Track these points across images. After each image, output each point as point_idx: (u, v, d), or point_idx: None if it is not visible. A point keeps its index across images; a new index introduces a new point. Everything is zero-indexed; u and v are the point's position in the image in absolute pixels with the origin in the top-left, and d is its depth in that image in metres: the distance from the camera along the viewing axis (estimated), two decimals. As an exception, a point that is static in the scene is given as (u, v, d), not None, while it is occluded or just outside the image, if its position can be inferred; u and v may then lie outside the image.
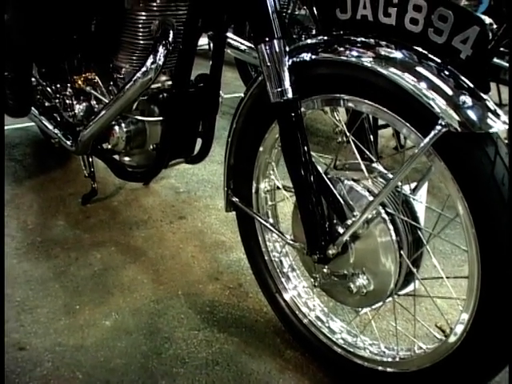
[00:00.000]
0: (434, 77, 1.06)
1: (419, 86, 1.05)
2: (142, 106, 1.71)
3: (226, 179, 1.54)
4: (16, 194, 2.40)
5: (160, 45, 1.54)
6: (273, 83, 1.20)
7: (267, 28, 1.19)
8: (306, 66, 1.22)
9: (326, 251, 1.26)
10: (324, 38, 1.25)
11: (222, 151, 1.78)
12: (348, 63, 1.16)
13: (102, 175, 2.32)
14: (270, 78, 1.20)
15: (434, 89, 1.04)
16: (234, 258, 1.99)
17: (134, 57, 1.66)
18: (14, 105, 2.03)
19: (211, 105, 1.67)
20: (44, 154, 2.79)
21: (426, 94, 1.04)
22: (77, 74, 1.92)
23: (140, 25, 1.60)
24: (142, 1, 1.58)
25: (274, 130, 1.38)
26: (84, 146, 1.88)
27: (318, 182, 1.26)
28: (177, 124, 1.62)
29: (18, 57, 1.94)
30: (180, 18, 1.59)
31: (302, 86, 1.23)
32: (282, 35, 1.20)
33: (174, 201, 2.37)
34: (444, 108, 1.01)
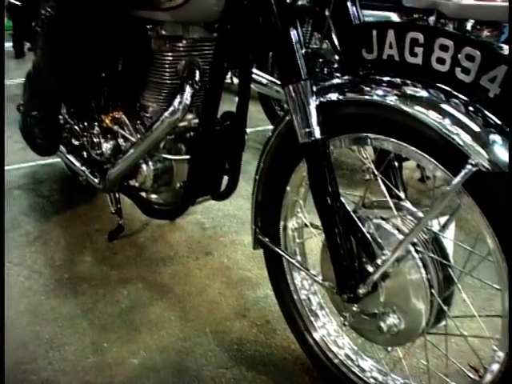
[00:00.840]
0: (462, 115, 1.05)
1: (446, 123, 1.05)
2: (168, 144, 1.72)
3: (253, 217, 1.54)
4: (44, 229, 2.43)
5: (187, 85, 1.56)
6: (301, 124, 1.20)
7: (294, 70, 1.20)
8: (334, 106, 1.23)
9: (356, 290, 1.25)
10: (350, 78, 1.26)
11: (246, 186, 1.79)
12: (374, 103, 1.17)
13: (128, 211, 2.34)
14: (298, 118, 1.21)
15: (462, 126, 1.04)
16: (260, 294, 1.98)
17: (160, 96, 1.69)
18: (43, 143, 2.07)
19: (237, 142, 1.68)
20: (71, 189, 2.82)
21: (453, 131, 1.04)
22: (104, 113, 1.95)
23: (166, 65, 1.63)
24: (168, 42, 1.61)
25: (302, 169, 1.39)
26: (111, 184, 1.91)
27: (346, 220, 1.25)
28: (204, 162, 1.63)
29: (48, 97, 1.98)
30: (206, 58, 1.63)
31: (329, 125, 1.24)
32: (309, 76, 1.21)
33: (200, 236, 2.38)
34: (473, 146, 1.01)
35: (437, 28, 1.84)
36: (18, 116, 2.70)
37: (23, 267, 2.14)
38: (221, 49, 1.48)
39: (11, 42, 6.65)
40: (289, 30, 1.20)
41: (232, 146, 1.69)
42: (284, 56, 1.21)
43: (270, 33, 1.25)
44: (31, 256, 2.22)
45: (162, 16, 1.54)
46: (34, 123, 2.02)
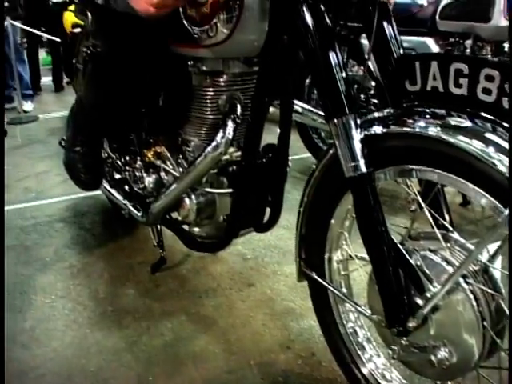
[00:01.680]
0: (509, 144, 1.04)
1: (493, 153, 1.04)
2: (211, 178, 1.74)
3: (297, 249, 1.53)
4: (87, 262, 2.46)
5: (229, 119, 1.58)
6: (346, 158, 1.20)
7: (338, 104, 1.20)
8: (378, 139, 1.22)
9: (405, 324, 1.23)
10: (394, 111, 1.26)
11: (287, 215, 1.79)
12: (418, 135, 1.17)
13: (169, 242, 2.35)
14: (343, 152, 1.21)
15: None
16: (305, 325, 1.96)
17: (202, 131, 1.71)
18: (86, 178, 2.10)
19: (280, 174, 1.68)
20: (112, 222, 2.85)
21: (501, 161, 1.03)
22: (146, 147, 1.98)
23: (208, 100, 1.65)
24: (209, 77, 1.63)
25: (347, 201, 1.38)
26: (154, 218, 1.93)
27: (394, 253, 1.24)
28: (246, 195, 1.64)
29: (90, 132, 2.02)
30: (246, 91, 1.64)
31: (374, 158, 1.23)
32: (353, 110, 1.21)
33: (242, 268, 2.38)
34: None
35: (482, 58, 1.83)
36: (59, 150, 2.77)
37: (68, 300, 2.17)
38: (262, 82, 1.49)
39: (51, 77, 6.81)
40: (331, 65, 1.20)
41: (274, 179, 1.69)
42: (328, 91, 1.22)
43: (311, 67, 1.26)
44: (75, 289, 2.25)
45: (203, 53, 1.56)
46: (77, 158, 2.06)
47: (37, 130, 5.05)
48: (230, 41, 1.42)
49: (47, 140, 4.60)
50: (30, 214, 3.07)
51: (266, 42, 1.42)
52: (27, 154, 4.25)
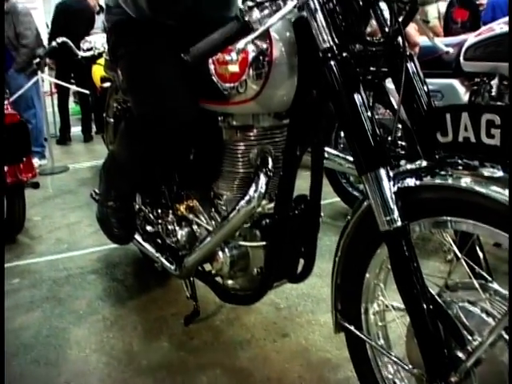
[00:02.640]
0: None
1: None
2: (243, 231, 1.74)
3: (333, 300, 1.52)
4: (120, 314, 2.46)
5: (261, 173, 1.59)
6: (380, 212, 1.20)
7: (371, 159, 1.21)
8: (412, 192, 1.22)
9: (447, 379, 1.21)
10: (427, 163, 1.26)
11: (319, 262, 1.77)
12: (452, 187, 1.16)
13: (202, 293, 2.34)
14: (378, 206, 1.21)
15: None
16: (341, 376, 1.93)
17: (234, 185, 1.72)
18: (119, 233, 2.12)
19: (312, 225, 1.68)
20: (144, 273, 2.86)
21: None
22: (178, 201, 2.00)
23: (239, 154, 1.67)
24: (240, 131, 1.65)
25: (382, 252, 1.37)
26: (188, 271, 1.93)
27: (432, 305, 1.22)
28: (280, 247, 1.63)
29: (123, 187, 2.04)
30: (277, 145, 1.65)
31: (408, 210, 1.23)
32: (385, 163, 1.21)
33: (276, 318, 2.35)
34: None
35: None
36: (89, 200, 2.82)
37: (102, 353, 2.17)
38: (293, 135, 1.51)
39: (80, 126, 6.93)
40: (362, 120, 1.21)
41: (307, 229, 1.69)
42: (359, 145, 1.22)
43: (342, 121, 1.27)
44: (109, 342, 2.25)
45: (233, 109, 1.58)
46: (110, 213, 2.08)
47: (67, 180, 5.14)
48: (260, 97, 1.44)
49: (78, 190, 4.67)
50: (63, 265, 3.10)
51: (296, 96, 1.44)
52: (59, 204, 4.32)
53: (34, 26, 5.70)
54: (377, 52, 1.37)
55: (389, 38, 1.33)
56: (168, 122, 1.65)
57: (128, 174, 1.96)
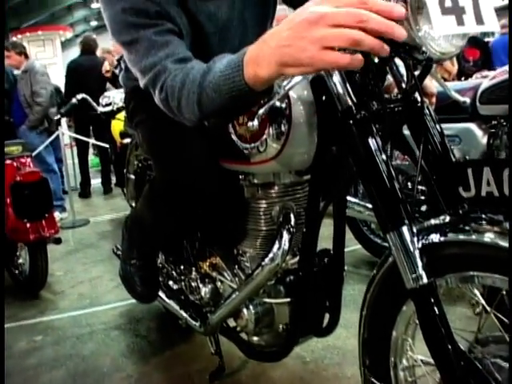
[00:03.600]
0: None
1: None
2: (268, 287, 1.73)
3: (361, 356, 1.50)
4: (144, 372, 2.44)
5: (283, 230, 1.59)
6: (406, 270, 1.19)
7: (394, 216, 1.20)
8: (437, 248, 1.22)
9: None
10: (451, 218, 1.26)
11: (342, 313, 1.75)
12: (477, 243, 1.16)
13: (226, 348, 2.32)
14: (403, 264, 1.20)
15: None
16: (371, 432, 1.88)
17: (257, 242, 1.73)
18: (143, 291, 2.12)
19: (337, 279, 1.67)
20: (168, 328, 2.84)
21: None
22: (201, 258, 2.00)
23: (261, 212, 1.68)
24: (261, 189, 1.67)
25: (409, 308, 1.35)
26: (212, 328, 1.92)
27: (462, 361, 1.20)
28: (304, 303, 1.62)
29: (146, 246, 2.06)
30: (299, 201, 1.66)
31: (434, 266, 1.22)
32: (409, 220, 1.21)
33: (302, 372, 2.32)
34: None
35: None
36: (111, 254, 2.83)
37: (127, 413, 2.15)
38: (314, 192, 1.51)
39: (99, 179, 7.01)
40: (383, 177, 1.21)
41: (331, 283, 1.68)
42: (381, 203, 1.22)
43: (363, 179, 1.28)
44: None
45: (254, 169, 1.59)
46: (133, 271, 2.09)
47: (88, 233, 5.18)
48: (281, 156, 1.45)
49: (99, 244, 4.70)
50: (86, 321, 3.10)
51: (316, 153, 1.45)
52: (80, 258, 4.34)
53: (50, 86, 5.85)
54: (395, 108, 1.38)
55: (406, 94, 1.35)
56: (191, 188, 1.67)
57: (151, 234, 1.97)
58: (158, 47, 1.35)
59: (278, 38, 1.01)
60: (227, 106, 1.21)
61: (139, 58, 1.38)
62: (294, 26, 0.96)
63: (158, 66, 1.33)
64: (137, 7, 1.38)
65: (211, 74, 1.20)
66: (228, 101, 1.18)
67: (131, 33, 1.38)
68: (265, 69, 1.06)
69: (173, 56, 1.33)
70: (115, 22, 1.41)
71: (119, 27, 1.40)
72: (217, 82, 1.17)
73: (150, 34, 1.36)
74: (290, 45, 0.97)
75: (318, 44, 0.92)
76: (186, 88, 1.25)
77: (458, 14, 1.13)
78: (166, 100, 1.32)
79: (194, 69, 1.26)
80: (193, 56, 1.37)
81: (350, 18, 0.90)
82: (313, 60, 0.95)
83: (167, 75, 1.30)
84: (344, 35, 0.90)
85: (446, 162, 1.34)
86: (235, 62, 1.14)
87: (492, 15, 1.20)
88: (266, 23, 1.76)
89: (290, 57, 0.98)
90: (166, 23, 1.40)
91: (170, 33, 1.39)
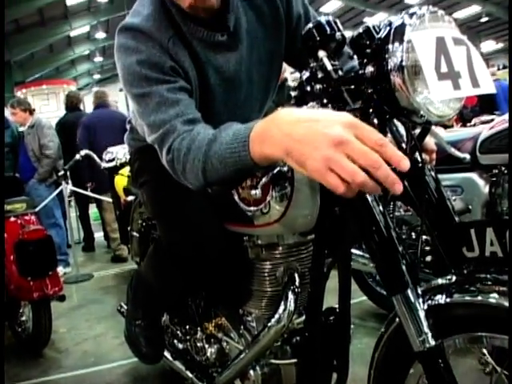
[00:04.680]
0: None
1: None
2: (274, 348, 1.72)
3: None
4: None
5: (288, 291, 1.59)
6: (413, 333, 1.19)
7: (398, 280, 1.21)
8: (443, 309, 1.22)
9: None
10: (456, 278, 1.26)
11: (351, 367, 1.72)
12: (483, 304, 1.16)
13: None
14: (409, 327, 1.20)
15: None
16: None
17: (262, 303, 1.72)
18: (148, 352, 2.10)
19: (344, 337, 1.66)
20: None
21: None
22: (206, 319, 1.99)
23: (265, 273, 1.67)
24: (265, 250, 1.67)
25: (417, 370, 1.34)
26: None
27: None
28: (311, 363, 1.61)
29: (152, 307, 2.05)
30: (303, 261, 1.66)
31: (441, 327, 1.21)
32: (414, 283, 1.21)
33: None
34: None
35: None
36: (114, 310, 2.80)
37: None
38: (318, 251, 1.51)
39: (102, 232, 7.01)
40: (387, 239, 1.22)
41: (338, 342, 1.66)
42: (385, 267, 1.23)
43: (366, 241, 1.28)
44: None
45: (258, 231, 1.60)
46: (138, 332, 2.07)
47: (92, 288, 5.15)
48: (285, 219, 1.46)
49: (103, 299, 4.67)
50: (90, 380, 3.06)
51: (319, 215, 1.46)
52: (84, 315, 4.31)
53: (57, 138, 5.92)
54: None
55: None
56: (195, 250, 1.67)
57: (156, 294, 1.97)
58: (168, 104, 1.38)
59: (292, 127, 1.01)
60: (232, 177, 1.23)
61: (149, 112, 1.41)
62: (315, 130, 0.97)
63: (167, 125, 1.36)
64: (152, 60, 1.42)
65: (217, 143, 1.22)
66: (233, 173, 1.20)
67: (143, 86, 1.41)
68: (272, 149, 1.07)
69: (182, 116, 1.37)
70: (129, 73, 1.45)
71: (132, 78, 1.44)
72: (222, 154, 1.20)
73: (162, 90, 1.40)
74: (301, 143, 0.98)
75: (328, 163, 0.93)
76: (192, 154, 1.27)
77: (454, 78, 1.16)
78: (172, 162, 1.34)
79: (200, 134, 1.29)
80: (199, 112, 1.41)
81: (367, 160, 0.92)
82: (315, 172, 0.96)
83: (175, 136, 1.33)
84: (353, 172, 0.92)
85: (449, 223, 1.35)
86: (242, 136, 1.16)
87: (487, 77, 1.23)
88: (272, 80, 1.80)
89: (298, 154, 0.99)
90: (179, 80, 1.45)
91: (181, 90, 1.43)
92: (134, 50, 1.44)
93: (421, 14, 1.22)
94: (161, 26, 1.49)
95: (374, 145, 0.93)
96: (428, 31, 1.19)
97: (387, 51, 1.20)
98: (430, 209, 1.39)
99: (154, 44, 1.45)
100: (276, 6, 1.67)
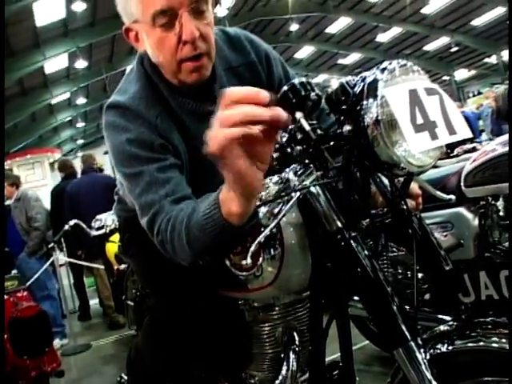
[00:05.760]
0: None
1: None
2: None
3: None
4: None
5: (289, 351, 1.57)
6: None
7: (398, 334, 1.20)
8: (445, 357, 1.21)
9: None
10: (456, 324, 1.25)
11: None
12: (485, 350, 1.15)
13: None
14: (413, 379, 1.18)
15: None
16: None
17: (264, 365, 1.69)
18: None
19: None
20: None
21: None
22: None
23: (264, 335, 1.65)
24: (262, 312, 1.65)
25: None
26: None
27: None
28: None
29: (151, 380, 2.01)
30: (301, 318, 1.64)
31: (445, 375, 1.20)
32: (413, 335, 1.20)
33: None
34: None
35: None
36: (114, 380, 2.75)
37: None
38: (315, 308, 1.50)
39: (97, 299, 6.93)
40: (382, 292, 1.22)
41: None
42: (384, 322, 1.22)
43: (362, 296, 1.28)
44: None
45: (253, 295, 1.59)
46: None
47: (91, 359, 5.05)
48: (278, 280, 1.45)
49: (102, 370, 4.57)
50: None
51: (313, 272, 1.45)
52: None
53: (44, 210, 5.93)
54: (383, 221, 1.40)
55: (392, 206, 1.38)
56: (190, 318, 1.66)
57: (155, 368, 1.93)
58: (159, 184, 1.40)
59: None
60: (215, 243, 1.25)
61: (140, 193, 1.42)
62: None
63: (157, 206, 1.37)
64: (142, 139, 1.44)
65: (195, 214, 1.25)
66: (214, 238, 1.22)
67: (134, 165, 1.43)
68: (235, 203, 1.13)
69: (172, 195, 1.38)
70: (118, 152, 1.46)
71: (122, 157, 1.46)
72: (200, 223, 1.22)
73: (152, 170, 1.41)
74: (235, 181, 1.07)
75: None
76: (177, 231, 1.28)
77: (431, 128, 1.18)
78: (162, 243, 1.36)
79: (183, 210, 1.30)
80: (191, 184, 1.44)
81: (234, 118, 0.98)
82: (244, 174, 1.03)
83: (163, 217, 1.35)
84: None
85: (441, 269, 1.35)
86: (214, 200, 1.19)
87: (462, 123, 1.24)
88: None
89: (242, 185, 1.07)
90: (169, 157, 1.46)
91: (171, 168, 1.45)
92: (123, 128, 1.46)
93: (391, 68, 1.25)
94: (148, 104, 1.51)
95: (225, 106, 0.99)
96: (400, 85, 1.21)
97: (362, 107, 1.22)
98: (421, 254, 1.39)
99: (143, 122, 1.47)
100: (257, 72, 1.71)
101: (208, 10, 1.47)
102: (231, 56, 1.69)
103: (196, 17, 1.43)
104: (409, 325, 1.21)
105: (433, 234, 1.45)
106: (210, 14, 1.48)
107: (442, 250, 1.44)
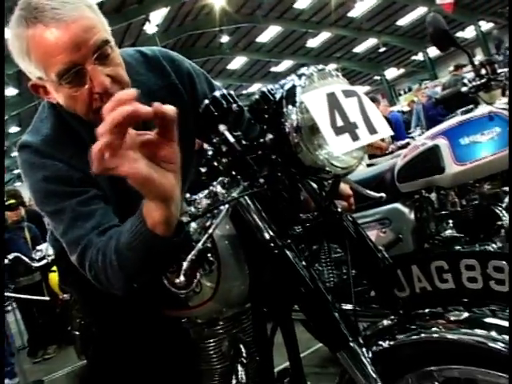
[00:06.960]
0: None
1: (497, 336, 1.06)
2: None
3: None
4: None
5: (238, 364, 1.56)
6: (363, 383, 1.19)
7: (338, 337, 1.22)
8: (388, 353, 1.23)
9: None
10: (394, 320, 1.28)
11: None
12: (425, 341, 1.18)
13: None
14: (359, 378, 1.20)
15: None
16: None
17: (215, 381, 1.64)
18: None
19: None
20: None
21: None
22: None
23: (211, 351, 1.62)
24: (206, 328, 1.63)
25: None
26: None
27: None
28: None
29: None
30: (246, 330, 1.64)
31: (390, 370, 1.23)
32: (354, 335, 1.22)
33: None
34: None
35: (458, 252, 1.93)
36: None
37: None
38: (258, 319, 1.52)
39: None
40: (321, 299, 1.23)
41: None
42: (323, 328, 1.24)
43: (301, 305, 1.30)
44: None
45: (194, 312, 1.57)
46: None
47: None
48: (218, 294, 1.45)
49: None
50: None
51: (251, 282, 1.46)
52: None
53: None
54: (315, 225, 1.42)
55: (321, 209, 1.40)
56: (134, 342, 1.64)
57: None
58: (83, 218, 1.36)
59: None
60: (146, 260, 1.22)
61: (65, 229, 1.38)
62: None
63: (84, 241, 1.34)
64: (59, 175, 1.39)
65: (122, 236, 1.22)
66: (144, 254, 1.20)
67: (54, 202, 1.38)
68: (156, 211, 1.11)
69: (99, 227, 1.34)
70: (37, 191, 1.42)
71: (41, 196, 1.41)
72: (128, 241, 1.20)
73: (74, 205, 1.37)
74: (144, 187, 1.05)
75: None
76: (108, 257, 1.26)
77: (352, 130, 1.20)
78: (95, 276, 1.33)
79: (112, 237, 1.28)
80: (119, 213, 1.39)
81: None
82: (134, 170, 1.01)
83: (92, 250, 1.31)
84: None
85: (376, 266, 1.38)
86: (137, 216, 1.17)
87: (382, 122, 1.27)
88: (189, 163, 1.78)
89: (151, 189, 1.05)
90: (91, 189, 1.41)
91: (95, 199, 1.41)
92: (38, 166, 1.41)
93: (309, 73, 1.27)
94: (62, 146, 1.46)
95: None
96: (318, 90, 1.23)
97: (283, 115, 1.23)
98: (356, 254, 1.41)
99: (59, 161, 1.42)
100: (179, 94, 1.66)
101: (113, 50, 1.39)
102: (150, 79, 1.63)
103: (102, 63, 1.35)
104: (348, 326, 1.23)
105: (366, 233, 1.46)
106: (115, 52, 1.40)
107: (380, 247, 1.47)
